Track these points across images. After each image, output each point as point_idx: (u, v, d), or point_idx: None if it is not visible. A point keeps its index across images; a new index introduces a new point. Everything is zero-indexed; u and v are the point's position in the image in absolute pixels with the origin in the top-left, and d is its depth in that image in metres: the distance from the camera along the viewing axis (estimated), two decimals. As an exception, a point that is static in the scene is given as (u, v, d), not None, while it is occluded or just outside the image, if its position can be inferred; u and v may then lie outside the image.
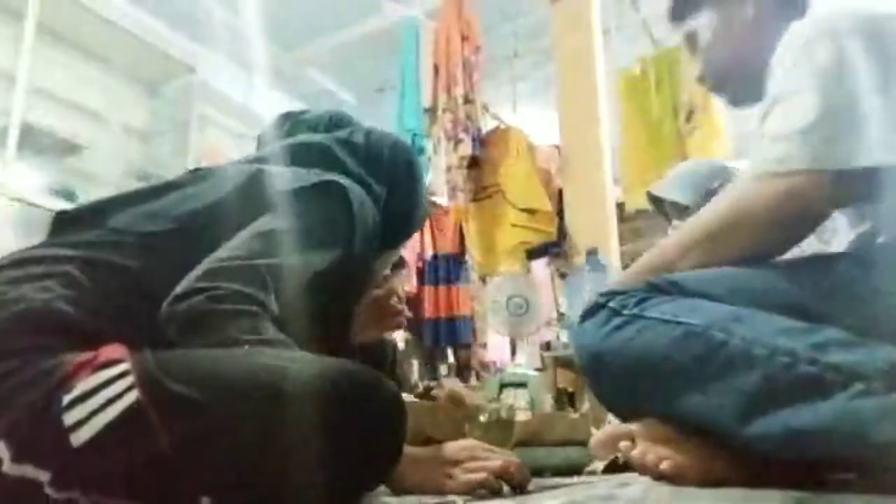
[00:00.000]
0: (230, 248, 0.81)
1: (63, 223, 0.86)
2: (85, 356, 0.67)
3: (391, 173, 1.11)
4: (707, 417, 0.77)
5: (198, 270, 0.76)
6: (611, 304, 0.86)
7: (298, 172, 0.97)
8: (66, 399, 0.63)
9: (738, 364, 0.74)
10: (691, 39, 1.14)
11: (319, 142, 1.09)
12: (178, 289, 0.74)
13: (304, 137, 1.11)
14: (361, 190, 1.00)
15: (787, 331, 0.74)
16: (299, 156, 1.04)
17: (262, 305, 0.76)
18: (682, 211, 1.67)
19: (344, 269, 0.94)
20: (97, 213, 0.86)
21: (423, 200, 1.21)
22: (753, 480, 0.73)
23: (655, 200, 1.79)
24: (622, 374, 0.84)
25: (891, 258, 0.80)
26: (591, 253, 2.58)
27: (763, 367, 0.72)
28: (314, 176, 0.95)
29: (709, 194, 1.61)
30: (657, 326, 0.81)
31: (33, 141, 3.09)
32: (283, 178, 0.94)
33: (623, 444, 0.85)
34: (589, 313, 0.89)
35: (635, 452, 0.82)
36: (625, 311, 0.84)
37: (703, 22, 1.10)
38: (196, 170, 0.99)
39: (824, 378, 0.68)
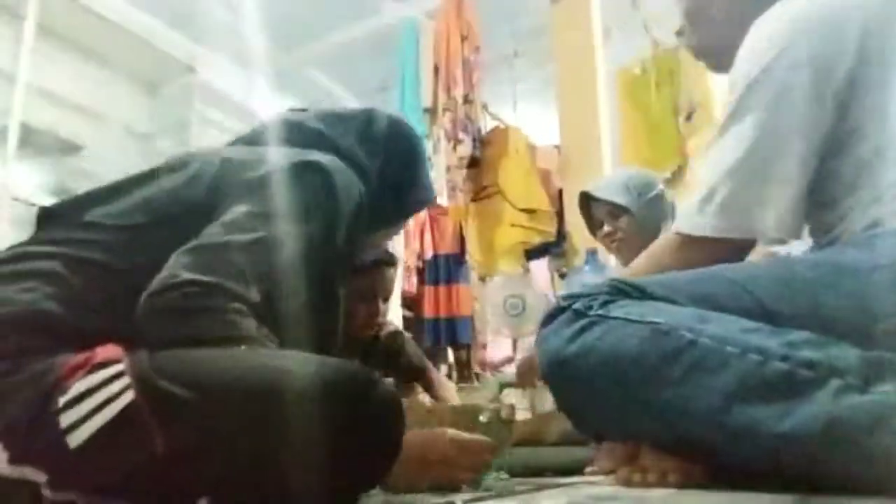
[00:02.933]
0: (206, 236, 0.77)
1: (44, 220, 0.84)
2: (79, 357, 0.66)
3: (386, 147, 1.05)
4: (680, 419, 0.74)
5: (173, 263, 0.73)
6: (575, 307, 0.84)
7: (278, 153, 0.91)
8: (62, 401, 0.63)
9: (709, 363, 0.72)
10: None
11: (304, 119, 1.03)
12: (155, 283, 0.71)
13: (291, 115, 1.05)
14: (346, 167, 0.95)
15: (757, 330, 0.73)
16: (286, 135, 0.99)
17: (240, 299, 0.73)
18: (618, 215, 1.68)
19: (330, 250, 0.89)
20: (77, 208, 0.84)
21: (422, 177, 1.14)
22: (734, 484, 0.72)
23: (587, 201, 1.80)
24: (589, 377, 0.81)
25: (848, 258, 0.79)
26: (591, 253, 2.58)
27: (735, 365, 0.70)
28: (293, 155, 0.89)
29: (648, 202, 1.66)
30: (624, 327, 0.79)
31: (33, 141, 3.09)
32: (259, 161, 0.88)
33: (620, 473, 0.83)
34: (551, 316, 0.86)
35: (636, 477, 0.80)
36: (590, 313, 0.82)
37: None
38: (174, 159, 0.94)
39: (797, 374, 0.67)
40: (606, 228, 1.72)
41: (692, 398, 0.73)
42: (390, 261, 1.54)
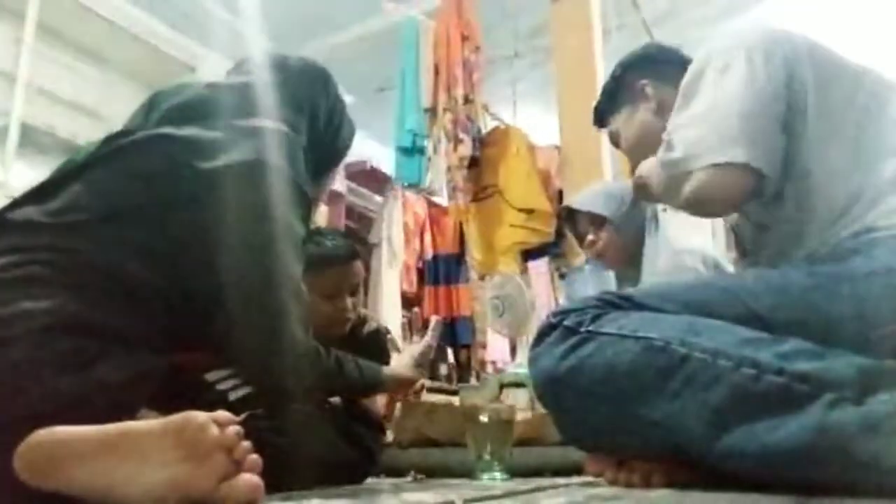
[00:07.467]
0: (283, 300, 0.87)
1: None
2: None
3: (313, 102, 1.08)
4: (674, 434, 0.74)
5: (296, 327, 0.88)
6: (565, 323, 0.83)
7: (230, 140, 0.91)
8: None
9: (703, 378, 0.71)
10: (615, 139, 1.28)
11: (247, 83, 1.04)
12: (299, 341, 0.89)
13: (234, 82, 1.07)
14: (296, 137, 0.98)
15: (751, 341, 0.72)
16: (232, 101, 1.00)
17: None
18: (599, 224, 1.72)
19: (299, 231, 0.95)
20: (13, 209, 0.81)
21: (344, 114, 1.17)
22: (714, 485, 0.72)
23: (569, 214, 1.85)
24: (582, 394, 0.81)
25: (843, 266, 0.79)
26: (591, 253, 2.58)
27: (729, 379, 0.70)
28: (255, 150, 0.90)
29: (627, 211, 1.72)
30: (616, 342, 0.78)
31: (33, 141, 3.08)
32: (217, 148, 0.89)
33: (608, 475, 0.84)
34: (542, 335, 0.86)
35: (622, 478, 0.81)
36: (581, 329, 0.82)
37: (620, 122, 1.23)
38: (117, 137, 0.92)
39: (792, 388, 0.66)
40: (589, 238, 1.75)
41: (686, 413, 0.73)
42: (353, 254, 1.45)
